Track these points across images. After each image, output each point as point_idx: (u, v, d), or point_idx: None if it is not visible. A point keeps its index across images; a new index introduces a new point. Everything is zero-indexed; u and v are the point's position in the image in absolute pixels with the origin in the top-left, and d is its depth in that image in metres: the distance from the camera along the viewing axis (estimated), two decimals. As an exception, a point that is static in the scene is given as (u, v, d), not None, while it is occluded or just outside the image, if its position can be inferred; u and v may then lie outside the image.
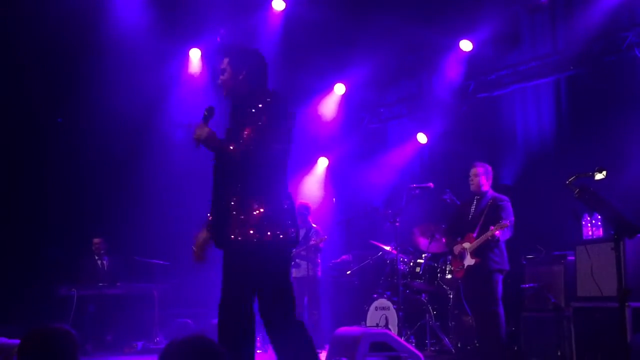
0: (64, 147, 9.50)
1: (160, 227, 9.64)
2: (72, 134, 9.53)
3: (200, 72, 10.25)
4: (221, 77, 3.94)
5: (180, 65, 10.18)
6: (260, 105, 3.76)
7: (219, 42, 9.82)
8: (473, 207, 6.85)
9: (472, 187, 6.85)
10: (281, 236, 3.72)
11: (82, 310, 8.65)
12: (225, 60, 3.92)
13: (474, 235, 6.64)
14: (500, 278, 6.59)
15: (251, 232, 3.70)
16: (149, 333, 8.99)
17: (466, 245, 6.71)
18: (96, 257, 9.59)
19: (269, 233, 3.69)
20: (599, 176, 4.12)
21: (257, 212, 3.70)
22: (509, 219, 6.54)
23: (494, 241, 6.46)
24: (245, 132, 3.70)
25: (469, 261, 6.64)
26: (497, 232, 6.38)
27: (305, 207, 8.86)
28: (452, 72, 9.35)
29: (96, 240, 9.56)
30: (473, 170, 6.85)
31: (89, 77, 9.07)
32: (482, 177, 6.79)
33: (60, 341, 2.84)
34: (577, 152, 7.58)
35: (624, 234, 3.95)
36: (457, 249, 6.79)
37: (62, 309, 8.29)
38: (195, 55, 10.12)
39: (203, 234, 4.08)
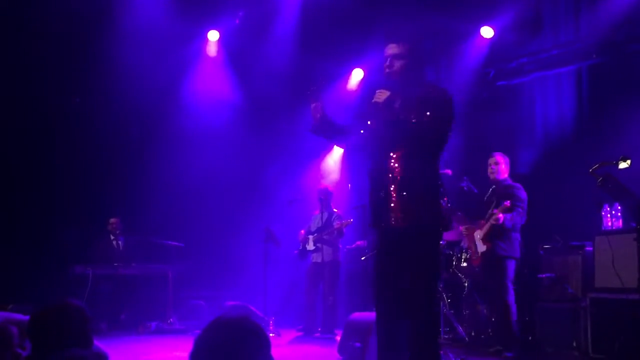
0: (82, 127, 9.50)
1: (176, 209, 9.67)
2: (90, 114, 9.53)
3: (218, 54, 10.21)
4: (395, 62, 3.98)
5: (199, 47, 10.13)
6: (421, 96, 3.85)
7: (237, 23, 9.78)
8: (488, 194, 6.84)
9: (492, 176, 6.82)
10: None
11: (97, 289, 8.70)
12: (404, 46, 3.98)
13: (484, 221, 6.64)
14: (510, 265, 6.53)
15: None
16: (162, 314, 9.03)
17: (478, 232, 6.70)
18: (112, 237, 9.63)
19: None
20: (623, 165, 4.07)
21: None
22: (518, 206, 6.47)
23: (498, 225, 6.38)
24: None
25: (481, 247, 6.65)
26: (500, 215, 6.28)
27: (327, 192, 8.82)
28: (471, 59, 9.24)
29: (112, 220, 9.59)
30: (492, 160, 6.83)
31: (107, 57, 9.05)
32: (501, 165, 6.79)
33: (71, 316, 2.83)
34: (596, 142, 7.48)
35: (647, 224, 3.88)
36: (475, 235, 6.78)
37: (78, 288, 8.33)
38: (213, 37, 10.06)
39: None
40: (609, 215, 6.54)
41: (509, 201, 6.43)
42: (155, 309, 9.06)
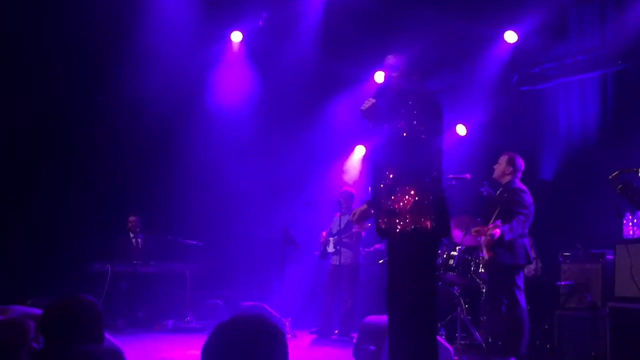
0: (104, 124, 9.59)
1: (195, 208, 9.72)
2: (113, 112, 9.61)
3: (241, 55, 10.25)
4: (390, 72, 4.20)
5: (222, 47, 10.18)
6: (419, 105, 3.99)
7: (261, 25, 9.82)
8: (495, 197, 6.74)
9: (494, 174, 6.67)
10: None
11: (116, 286, 8.76)
12: (398, 57, 4.21)
13: (489, 227, 6.44)
14: (514, 272, 6.32)
15: None
16: (179, 312, 9.08)
17: (482, 238, 6.55)
18: (131, 235, 9.70)
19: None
20: (643, 172, 3.99)
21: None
22: (520, 213, 6.23)
23: (494, 239, 6.17)
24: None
25: (485, 254, 6.47)
26: (495, 231, 6.11)
27: (350, 195, 8.81)
28: (495, 64, 9.18)
29: (132, 218, 9.66)
30: (499, 159, 6.69)
31: (130, 56, 9.13)
32: (504, 165, 6.56)
33: (83, 311, 2.84)
34: (620, 150, 7.37)
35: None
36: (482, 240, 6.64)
37: (96, 284, 8.41)
38: (236, 38, 10.10)
39: None
40: (630, 224, 6.44)
41: (508, 225, 6.22)
42: (172, 307, 9.12)
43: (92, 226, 9.14)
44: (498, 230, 6.10)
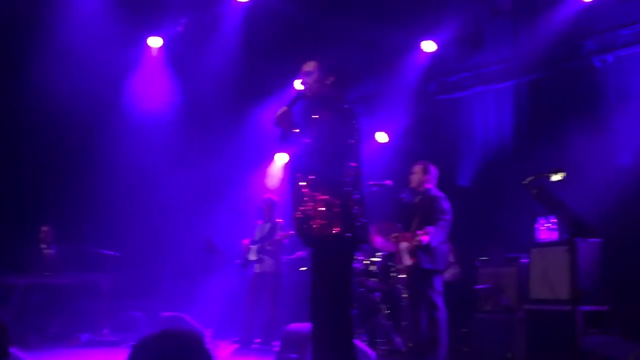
0: (15, 128, 9.20)
1: (113, 217, 9.42)
2: (24, 117, 9.22)
3: (161, 60, 10.06)
4: (306, 78, 4.20)
5: (141, 52, 9.96)
6: (333, 111, 4.02)
7: (180, 31, 9.67)
8: (413, 204, 6.81)
9: (412, 184, 6.78)
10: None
11: (26, 299, 8.38)
12: (313, 64, 4.21)
13: (410, 234, 6.57)
14: (437, 278, 6.42)
15: None
16: (95, 325, 8.76)
17: (404, 244, 6.66)
18: (43, 246, 9.30)
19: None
20: (556, 177, 4.14)
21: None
22: (441, 219, 6.37)
23: (421, 246, 6.29)
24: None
25: (407, 260, 6.54)
26: (423, 237, 6.22)
27: (271, 201, 8.75)
28: (413, 72, 9.35)
29: (44, 228, 9.27)
30: (413, 168, 6.79)
31: (41, 60, 8.80)
32: (420, 175, 6.69)
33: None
34: (534, 156, 7.63)
35: (579, 235, 3.95)
36: (401, 247, 6.74)
37: (6, 298, 8.01)
38: (156, 43, 9.91)
39: None
40: (544, 228, 6.66)
41: (432, 228, 6.28)
42: (88, 321, 8.78)
43: (1, 236, 8.71)
44: (426, 237, 6.18)
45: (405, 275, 7.24)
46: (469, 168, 8.83)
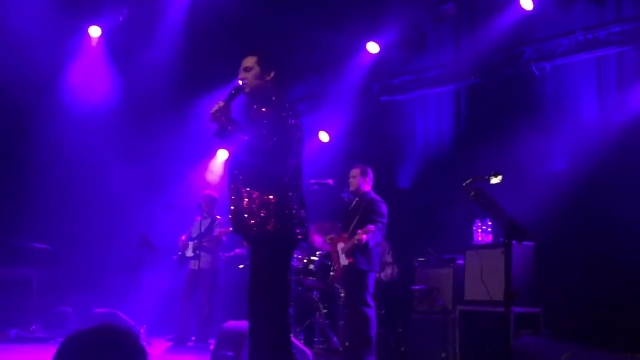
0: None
1: (44, 209, 9.14)
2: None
3: (100, 51, 9.82)
4: (245, 74, 4.07)
5: (79, 41, 9.69)
6: (272, 107, 3.94)
7: (121, 21, 9.46)
8: (351, 207, 6.90)
9: (351, 188, 6.91)
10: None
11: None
12: (253, 59, 4.09)
13: (347, 235, 6.68)
14: (370, 278, 6.54)
15: None
16: (24, 321, 8.48)
17: (340, 245, 6.73)
18: (-30, 238, 8.98)
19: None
20: (494, 180, 4.20)
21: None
22: (378, 222, 6.51)
23: (361, 245, 6.41)
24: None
25: (343, 261, 6.64)
26: (364, 236, 6.35)
27: (211, 198, 8.64)
28: (357, 73, 9.37)
29: (-30, 219, 8.95)
30: (352, 172, 6.91)
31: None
32: (359, 178, 6.81)
33: None
34: (473, 160, 7.76)
35: (514, 238, 4.02)
36: (338, 247, 6.81)
37: None
38: (95, 32, 9.66)
39: None
40: (480, 230, 6.78)
41: (373, 226, 6.45)
42: (16, 316, 8.50)
43: None
44: (365, 236, 6.29)
45: (337, 275, 7.30)
46: (409, 170, 8.92)
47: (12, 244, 8.85)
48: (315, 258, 7.90)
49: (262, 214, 3.81)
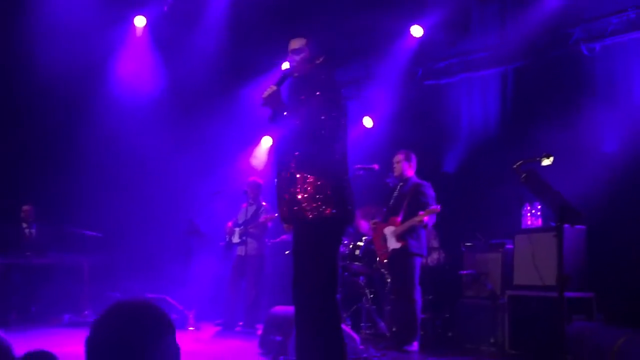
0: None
1: (96, 198, 9.31)
2: (5, 99, 9.06)
3: (145, 41, 9.93)
4: (294, 57, 4.05)
5: (125, 31, 9.82)
6: (321, 92, 3.90)
7: (166, 10, 9.54)
8: (396, 192, 6.92)
9: (395, 173, 6.96)
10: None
11: (7, 279, 8.29)
12: (301, 41, 4.07)
13: (399, 219, 6.67)
14: (419, 262, 6.65)
15: None
16: (76, 306, 8.69)
17: (390, 228, 6.72)
18: (24, 225, 9.21)
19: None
20: (545, 162, 4.13)
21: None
22: (428, 202, 6.56)
23: (422, 226, 6.49)
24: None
25: (394, 244, 6.67)
26: (426, 217, 6.41)
27: (257, 185, 8.70)
28: (401, 57, 9.29)
29: (25, 207, 9.17)
30: (395, 157, 6.96)
31: (25, 39, 8.65)
32: (403, 163, 6.88)
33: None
34: (519, 143, 7.63)
35: (567, 221, 3.95)
36: (386, 231, 6.82)
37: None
38: (140, 22, 9.77)
39: None
40: (529, 214, 6.68)
41: (439, 206, 6.49)
42: (69, 301, 8.72)
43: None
44: (427, 217, 6.41)
45: (386, 260, 7.30)
46: (455, 154, 8.82)
47: (66, 232, 9.06)
48: (361, 243, 7.91)
49: (318, 199, 3.78)
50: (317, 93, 3.88)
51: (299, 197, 3.82)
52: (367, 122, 9.68)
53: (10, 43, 8.76)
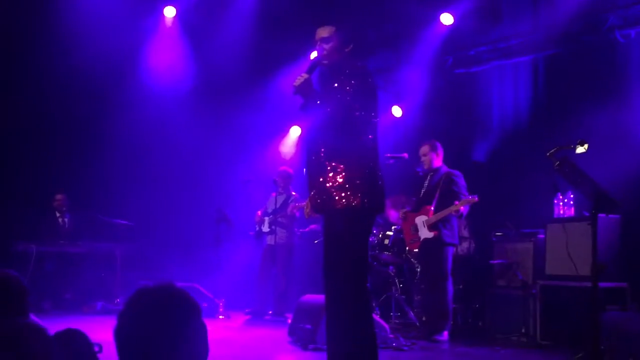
0: (31, 97, 9.16)
1: (127, 187, 9.40)
2: (40, 85, 9.18)
3: (175, 30, 9.98)
4: (324, 45, 4.02)
5: (155, 22, 9.88)
6: (352, 80, 3.86)
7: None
8: (427, 181, 6.90)
9: (425, 167, 6.95)
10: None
11: (41, 267, 8.42)
12: (330, 30, 4.03)
13: (431, 208, 6.64)
14: (451, 252, 6.66)
15: None
16: (109, 294, 8.81)
17: (422, 217, 6.69)
18: (57, 214, 9.34)
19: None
20: (580, 149, 4.07)
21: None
22: (463, 194, 6.55)
23: (457, 216, 6.50)
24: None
25: (426, 234, 6.66)
26: (462, 207, 6.40)
27: (287, 174, 8.71)
28: (430, 45, 9.20)
29: (58, 196, 9.29)
30: (421, 150, 6.94)
31: (54, 28, 8.75)
32: (430, 154, 6.87)
33: (7, 285, 2.67)
34: (551, 132, 7.54)
35: (602, 210, 3.89)
36: (417, 221, 6.79)
37: (20, 265, 8.02)
38: (170, 12, 9.83)
39: None
40: (561, 204, 6.60)
41: (476, 196, 6.45)
42: (101, 289, 8.84)
43: (16, 203, 8.72)
44: (463, 207, 6.44)
45: (416, 250, 7.26)
46: (485, 143, 8.74)
47: (98, 220, 9.18)
48: (391, 233, 7.89)
49: (348, 188, 3.76)
50: (349, 81, 3.85)
51: (329, 185, 3.80)
52: (396, 111, 9.62)
53: (44, 35, 8.88)
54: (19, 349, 2.51)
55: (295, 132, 10.55)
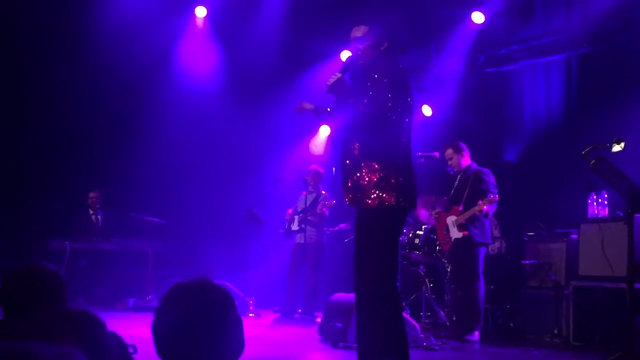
0: (64, 96, 9.30)
1: (159, 185, 9.52)
2: (74, 84, 9.32)
3: (206, 30, 10.07)
4: (358, 45, 4.07)
5: (186, 22, 9.97)
6: (386, 78, 3.87)
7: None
8: (457, 181, 6.89)
9: (454, 169, 6.93)
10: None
11: (75, 264, 8.55)
12: (364, 29, 4.09)
13: (460, 208, 6.61)
14: (483, 251, 6.62)
15: None
16: (141, 290, 8.90)
17: (452, 218, 6.67)
18: (91, 211, 9.47)
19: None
20: (616, 148, 4.02)
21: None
22: (491, 192, 6.50)
23: (482, 215, 6.46)
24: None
25: (456, 234, 6.64)
26: (485, 206, 6.34)
27: (317, 173, 8.73)
28: (461, 44, 9.14)
29: (92, 194, 9.42)
30: (446, 154, 6.95)
31: (89, 28, 8.87)
32: (456, 157, 6.87)
33: (44, 278, 2.72)
34: (583, 132, 7.44)
35: (639, 208, 3.84)
36: (448, 221, 6.77)
37: (54, 261, 8.11)
38: (201, 13, 9.92)
39: None
40: (595, 203, 6.52)
41: (495, 195, 6.41)
42: (134, 286, 8.94)
43: (50, 201, 8.87)
44: (486, 207, 6.38)
45: (447, 249, 7.23)
46: (517, 142, 8.66)
47: (130, 218, 9.29)
48: (421, 232, 7.85)
49: (381, 187, 3.77)
50: (383, 80, 3.85)
51: (362, 183, 3.81)
52: (427, 110, 9.58)
53: (79, 35, 9.00)
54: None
55: (324, 131, 10.56)
